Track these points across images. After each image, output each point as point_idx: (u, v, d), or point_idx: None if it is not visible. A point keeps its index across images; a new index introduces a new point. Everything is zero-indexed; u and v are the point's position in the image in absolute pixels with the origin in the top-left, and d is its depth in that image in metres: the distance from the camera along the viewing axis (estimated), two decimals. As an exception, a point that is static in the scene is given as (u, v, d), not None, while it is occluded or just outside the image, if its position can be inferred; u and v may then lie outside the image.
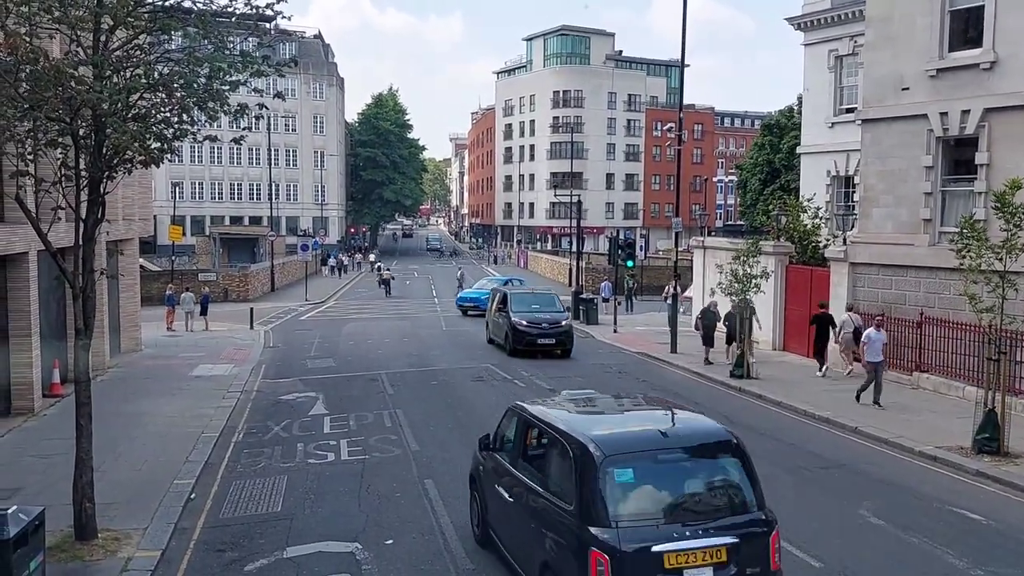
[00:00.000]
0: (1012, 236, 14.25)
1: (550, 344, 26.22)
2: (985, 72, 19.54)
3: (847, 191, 29.64)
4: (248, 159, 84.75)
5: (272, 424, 17.40)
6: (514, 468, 9.20)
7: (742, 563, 7.37)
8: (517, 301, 27.93)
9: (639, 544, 7.13)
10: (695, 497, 7.75)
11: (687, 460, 8.01)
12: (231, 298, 47.26)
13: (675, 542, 7.19)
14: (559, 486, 7.97)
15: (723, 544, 7.32)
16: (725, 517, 7.59)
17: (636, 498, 7.56)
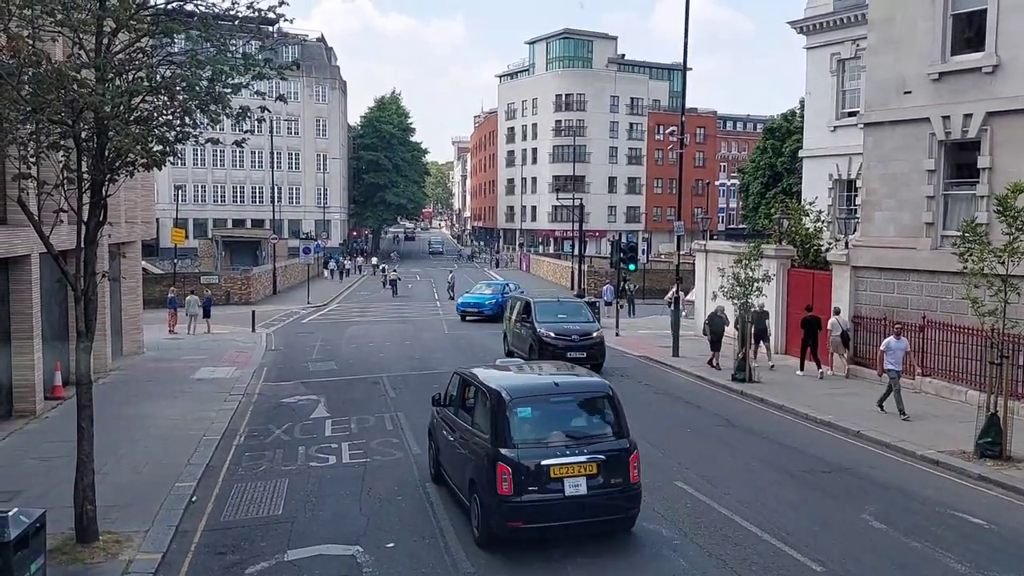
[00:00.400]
0: (1014, 240, 14.24)
1: (580, 358, 22.77)
2: (987, 76, 19.53)
3: (849, 194, 29.62)
4: (251, 162, 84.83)
5: (273, 427, 17.40)
6: (455, 416, 12.10)
7: (608, 476, 10.19)
8: (543, 310, 25.42)
9: (533, 460, 10.01)
10: (576, 428, 10.73)
11: (572, 403, 11.14)
12: (233, 301, 47.29)
13: (559, 458, 10.06)
14: (482, 423, 10.90)
15: (594, 461, 10.17)
16: (597, 443, 10.43)
17: (532, 428, 10.53)
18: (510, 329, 27.19)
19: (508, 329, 27.62)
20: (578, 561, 9.94)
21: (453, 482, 12.02)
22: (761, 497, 12.45)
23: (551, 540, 10.21)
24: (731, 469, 14.16)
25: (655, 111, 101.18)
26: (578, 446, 10.30)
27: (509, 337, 27.24)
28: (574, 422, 10.86)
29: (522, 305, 26.47)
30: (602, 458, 10.21)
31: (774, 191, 58.66)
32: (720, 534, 10.82)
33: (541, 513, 9.96)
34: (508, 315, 27.90)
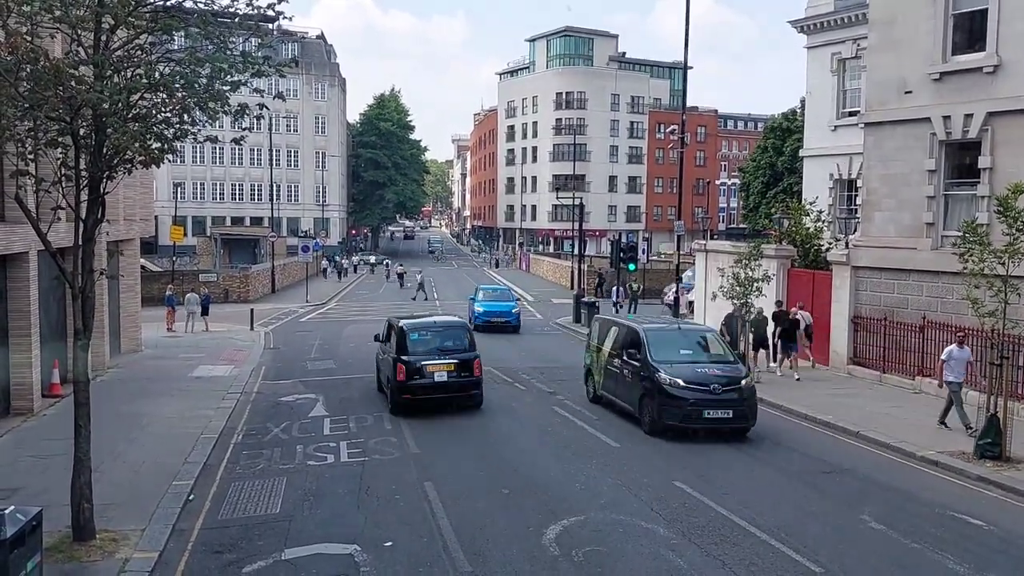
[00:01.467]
0: (1015, 240, 14.21)
1: (724, 419, 15.88)
2: (988, 76, 19.50)
3: (850, 194, 29.59)
4: (249, 159, 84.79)
5: (272, 425, 17.37)
6: (384, 344, 19.97)
7: (460, 371, 18.18)
8: (659, 344, 17.34)
9: (417, 361, 17.86)
10: (443, 345, 18.65)
11: (442, 330, 19.32)
12: (232, 299, 47.25)
13: (430, 360, 17.95)
14: (394, 345, 18.56)
15: (452, 362, 18.15)
16: (455, 353, 18.37)
17: (418, 345, 18.37)
18: (600, 365, 19.44)
19: (596, 364, 19.76)
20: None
21: (379, 385, 20.53)
22: (760, 497, 12.42)
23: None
24: (730, 468, 14.13)
25: (656, 109, 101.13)
26: (444, 354, 18.33)
27: (597, 375, 19.63)
28: (443, 342, 18.81)
29: (623, 334, 18.51)
30: (456, 361, 18.28)
31: (775, 191, 58.65)
32: (719, 534, 10.79)
33: (420, 390, 17.99)
34: (595, 344, 19.95)
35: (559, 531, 10.81)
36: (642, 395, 16.84)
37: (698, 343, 17.95)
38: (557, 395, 20.60)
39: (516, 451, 15.28)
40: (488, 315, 34.92)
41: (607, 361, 18.94)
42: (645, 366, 16.88)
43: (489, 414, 18.55)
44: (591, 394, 19.88)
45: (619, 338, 18.65)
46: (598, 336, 20.02)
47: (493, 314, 34.94)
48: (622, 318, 21.43)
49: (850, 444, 16.20)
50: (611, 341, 18.99)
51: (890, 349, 21.74)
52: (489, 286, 43.54)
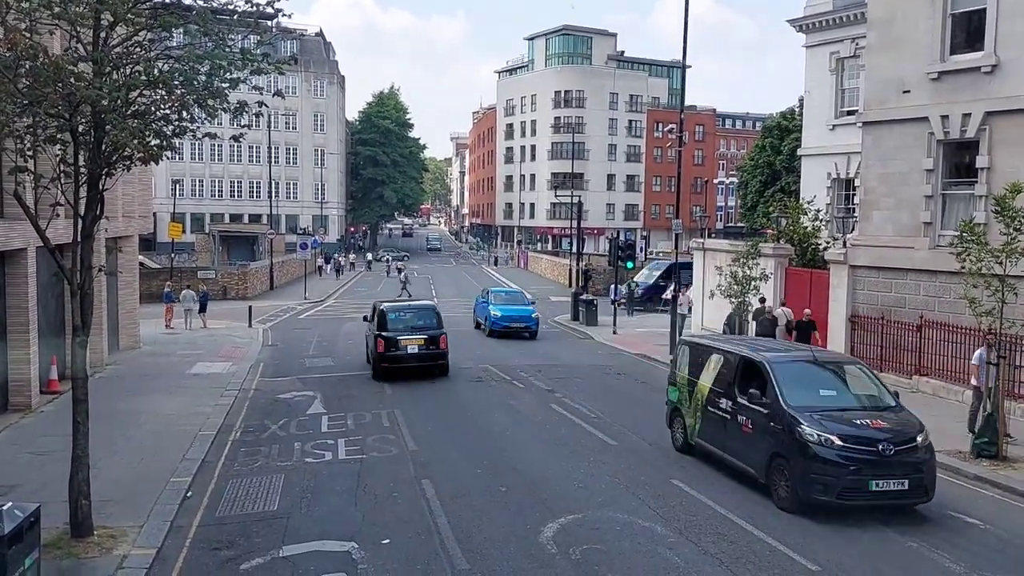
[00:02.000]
0: (1012, 240, 14.24)
1: (899, 491, 11.59)
2: (986, 76, 19.52)
3: (847, 193, 29.62)
4: (248, 157, 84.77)
5: (269, 423, 17.38)
6: (370, 323, 24.45)
7: (429, 344, 22.57)
8: (793, 380, 12.90)
9: (394, 336, 22.41)
10: (416, 323, 23.06)
11: (416, 312, 23.82)
12: (230, 296, 47.22)
13: (404, 336, 22.50)
14: (376, 323, 23.22)
15: (422, 337, 22.62)
16: (425, 330, 22.85)
17: (395, 323, 22.86)
18: (694, 405, 14.64)
19: (687, 403, 14.92)
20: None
21: (367, 353, 24.46)
22: (756, 495, 12.44)
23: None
24: (728, 467, 14.14)
25: (654, 108, 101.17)
26: (416, 331, 22.81)
27: (690, 418, 14.74)
28: (415, 321, 23.25)
29: (732, 365, 13.85)
30: (426, 336, 22.74)
31: (772, 190, 58.66)
32: (716, 532, 10.82)
33: (395, 361, 22.42)
34: (684, 376, 15.19)
35: (557, 529, 10.83)
36: (772, 455, 12.27)
37: (842, 379, 13.49)
38: (555, 393, 20.63)
39: (514, 449, 15.30)
40: (507, 320, 31.98)
41: (707, 401, 14.15)
42: (776, 414, 12.30)
43: (488, 412, 18.58)
44: (679, 442, 15.03)
45: (726, 370, 13.90)
46: (689, 364, 15.15)
47: (512, 319, 32.05)
48: (726, 341, 15.81)
49: (847, 443, 16.20)
50: (711, 373, 14.23)
51: (887, 348, 21.78)
52: (501, 289, 40.36)
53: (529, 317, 32.22)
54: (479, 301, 35.42)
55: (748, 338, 20.42)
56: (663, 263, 48.42)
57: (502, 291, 37.48)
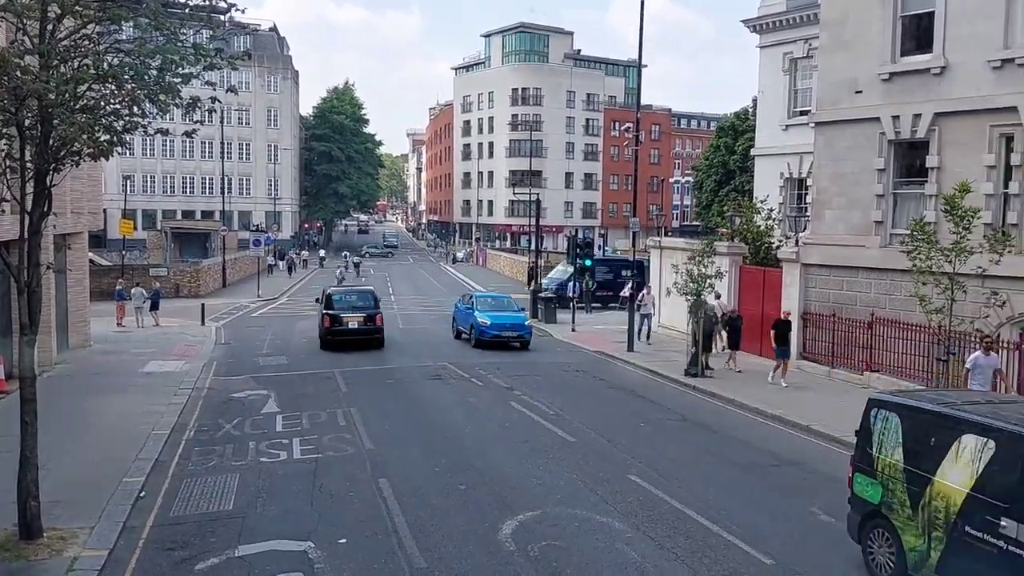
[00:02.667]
0: (961, 239, 14.56)
1: None
2: (936, 77, 19.92)
3: (800, 193, 30.04)
4: (201, 152, 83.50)
5: (224, 422, 17.15)
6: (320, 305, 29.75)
7: (367, 322, 27.74)
8: None
9: (337, 314, 27.64)
10: (357, 304, 28.56)
11: (357, 295, 29.67)
12: (182, 294, 46.53)
13: (346, 314, 27.76)
14: (323, 305, 28.69)
15: (361, 315, 27.85)
16: (364, 310, 28.16)
17: (339, 304, 28.34)
18: (933, 520, 8.91)
19: (916, 513, 9.17)
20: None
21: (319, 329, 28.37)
22: (713, 490, 12.58)
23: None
24: (683, 463, 14.29)
25: (611, 107, 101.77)
26: (357, 310, 27.82)
27: (914, 537, 9.16)
28: (355, 302, 28.44)
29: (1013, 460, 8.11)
30: (364, 315, 27.67)
31: (727, 189, 59.38)
32: (672, 527, 10.91)
33: (339, 334, 27.21)
34: (896, 463, 9.61)
35: (515, 526, 10.84)
36: None
37: None
38: (514, 391, 20.63)
39: (472, 447, 15.28)
40: (497, 329, 28.41)
41: (961, 516, 8.54)
42: None
43: (446, 410, 18.53)
44: (886, 572, 9.50)
45: (1001, 465, 8.22)
46: (906, 443, 9.54)
47: (503, 327, 28.50)
48: (988, 410, 9.01)
49: (801, 438, 16.49)
50: (967, 467, 8.58)
51: (839, 345, 22.15)
52: (486, 293, 36.40)
53: (522, 325, 29.15)
54: (461, 308, 31.52)
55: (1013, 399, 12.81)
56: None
57: (488, 296, 33.72)
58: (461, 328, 30.60)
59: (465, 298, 32.61)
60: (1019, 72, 18.21)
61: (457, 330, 31.06)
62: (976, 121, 18.94)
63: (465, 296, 33.35)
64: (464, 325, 30.27)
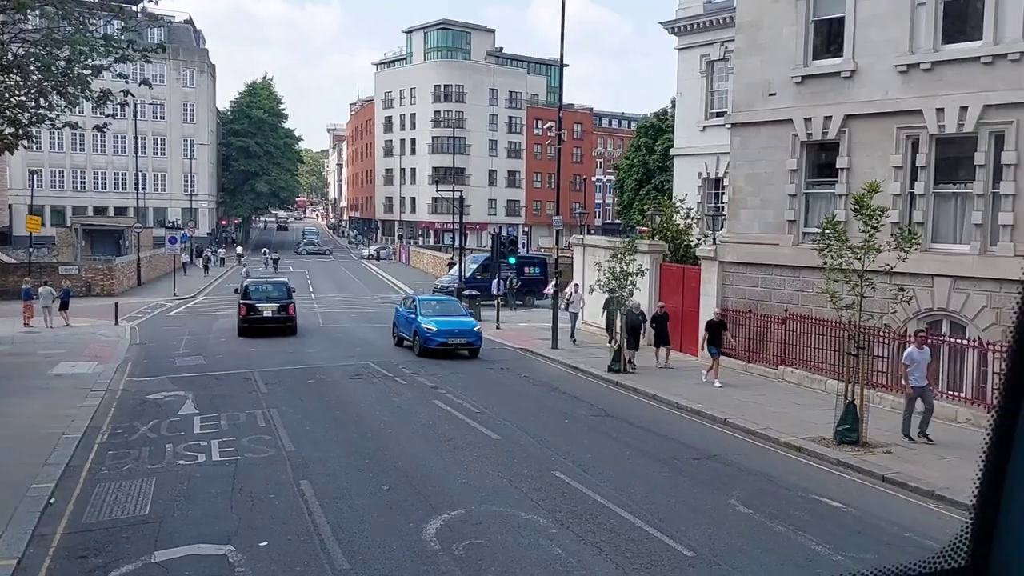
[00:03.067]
0: (870, 237, 15.05)
1: None
2: (846, 80, 20.57)
3: (717, 192, 30.69)
4: (113, 147, 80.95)
5: (139, 424, 16.67)
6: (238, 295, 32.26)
7: (280, 311, 30.58)
8: None
9: (253, 304, 30.45)
10: (272, 294, 31.24)
11: (272, 286, 32.43)
12: (95, 292, 45.05)
13: (261, 303, 30.55)
14: (241, 296, 31.32)
15: (275, 305, 30.60)
16: (278, 300, 30.84)
17: (255, 294, 31.08)
18: None
19: None
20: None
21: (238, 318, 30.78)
22: (635, 484, 12.77)
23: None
24: (607, 458, 14.46)
25: (533, 106, 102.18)
26: (272, 300, 30.64)
27: None
28: (270, 293, 31.17)
29: None
30: (279, 304, 30.48)
31: (647, 188, 60.17)
32: (595, 522, 11.03)
33: (255, 322, 30.01)
34: None
35: (440, 525, 10.81)
36: None
37: None
38: (439, 389, 20.58)
39: (396, 447, 15.18)
40: (446, 336, 25.74)
41: None
42: None
43: (369, 410, 18.38)
44: None
45: None
46: None
47: (452, 334, 25.90)
48: None
49: (719, 431, 16.86)
50: None
51: (755, 340, 22.72)
52: (430, 297, 32.94)
53: (471, 331, 26.35)
54: (402, 313, 28.59)
55: None
56: (480, 256, 48.36)
57: (432, 300, 30.47)
58: (403, 335, 27.66)
59: (407, 302, 29.42)
60: (924, 76, 18.95)
61: (398, 336, 28.17)
62: (884, 123, 19.64)
63: (407, 300, 30.04)
64: (407, 332, 27.31)
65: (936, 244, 18.95)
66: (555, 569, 9.55)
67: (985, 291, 17.70)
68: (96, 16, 10.52)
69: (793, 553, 10.23)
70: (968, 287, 18.05)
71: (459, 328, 26.26)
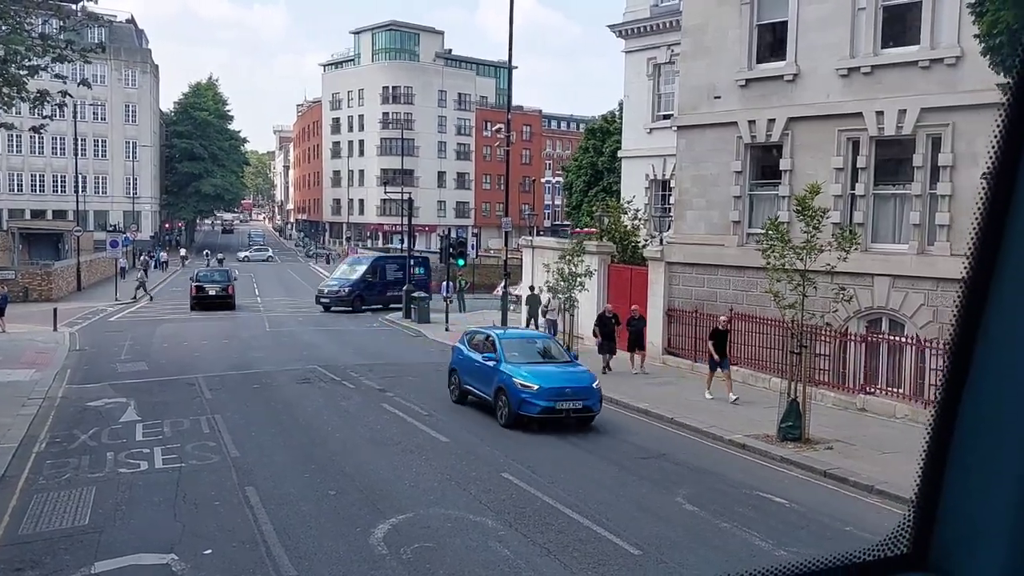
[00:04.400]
0: (812, 237, 15.32)
1: None
2: (788, 83, 20.93)
3: (664, 194, 31.01)
4: (52, 148, 78.98)
5: (79, 432, 16.28)
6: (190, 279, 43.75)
7: (222, 290, 40.86)
8: None
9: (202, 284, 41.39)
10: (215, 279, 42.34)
11: (217, 273, 44.84)
12: (32, 298, 43.91)
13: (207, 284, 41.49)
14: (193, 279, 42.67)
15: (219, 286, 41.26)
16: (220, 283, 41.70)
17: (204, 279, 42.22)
18: None
19: None
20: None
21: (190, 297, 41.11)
22: (584, 485, 12.82)
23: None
24: (555, 459, 14.50)
25: (483, 108, 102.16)
26: (215, 284, 41.49)
27: None
28: (216, 278, 42.51)
29: None
30: (221, 286, 41.23)
31: (596, 189, 60.40)
32: (544, 522, 11.06)
33: (203, 299, 40.32)
34: None
35: (387, 530, 10.74)
36: None
37: None
38: (387, 392, 20.45)
39: (344, 451, 15.04)
40: (553, 397, 16.50)
41: None
42: None
43: (316, 414, 18.19)
44: None
45: None
46: None
47: (563, 395, 16.65)
48: None
49: (666, 430, 17.02)
50: None
51: (702, 339, 22.94)
52: (515, 333, 21.78)
53: (588, 389, 17.05)
54: (469, 357, 19.04)
55: None
56: (365, 259, 47.01)
57: (520, 336, 20.43)
58: (473, 388, 18.63)
59: (475, 339, 19.58)
60: (864, 80, 19.37)
61: (462, 388, 19.07)
62: (826, 126, 20.02)
63: (474, 336, 19.89)
64: (480, 385, 18.26)
65: (876, 244, 19.38)
66: (503, 571, 9.55)
67: (923, 290, 18.14)
68: (33, 15, 10.24)
69: (738, 549, 10.36)
70: (907, 286, 18.49)
71: (571, 385, 16.94)
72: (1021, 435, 1.43)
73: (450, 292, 37.69)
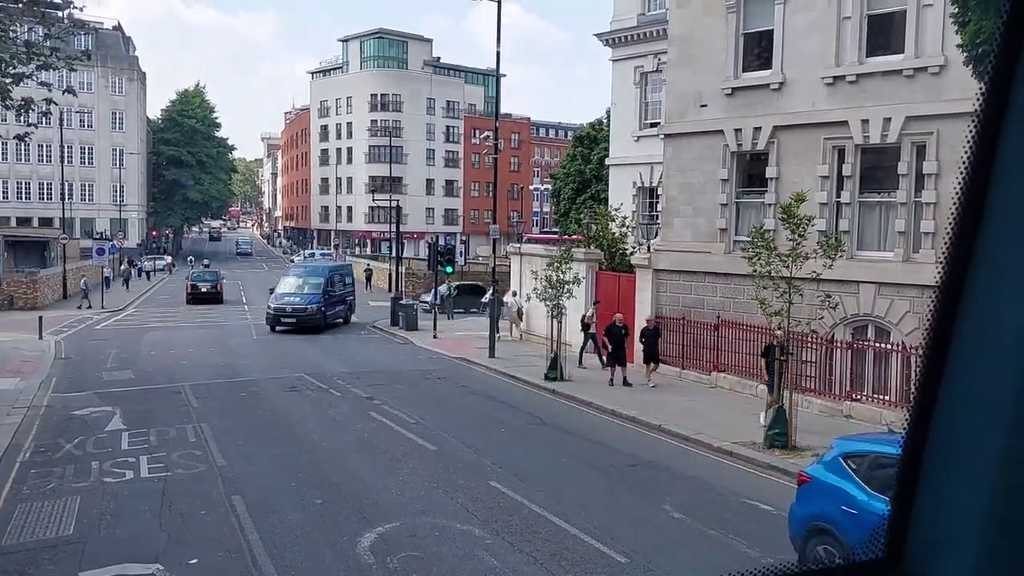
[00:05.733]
0: (797, 245, 15.40)
1: None
2: (774, 92, 21.04)
3: (651, 201, 31.08)
4: (38, 155, 78.58)
5: (64, 441, 16.17)
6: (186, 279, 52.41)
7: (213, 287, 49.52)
8: None
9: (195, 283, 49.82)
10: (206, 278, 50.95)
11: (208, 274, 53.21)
12: (17, 306, 43.62)
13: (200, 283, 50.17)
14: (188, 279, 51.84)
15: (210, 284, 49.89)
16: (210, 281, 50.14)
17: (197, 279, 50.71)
18: None
19: None
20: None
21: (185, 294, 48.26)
22: (571, 493, 12.82)
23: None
24: (543, 466, 14.50)
25: (471, 115, 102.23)
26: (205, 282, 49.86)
27: None
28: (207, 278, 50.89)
29: None
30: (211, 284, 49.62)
31: (584, 197, 60.50)
32: (531, 531, 11.05)
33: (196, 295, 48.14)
34: None
35: (374, 539, 10.71)
36: None
37: None
38: (375, 400, 20.41)
39: (331, 460, 15.00)
40: None
41: None
42: None
43: (303, 422, 18.13)
44: None
45: None
46: None
47: None
48: None
49: (654, 438, 17.03)
50: None
51: (688, 346, 23.03)
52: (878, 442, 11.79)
53: None
54: (836, 490, 9.48)
55: None
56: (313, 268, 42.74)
57: None
58: None
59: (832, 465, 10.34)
60: (849, 88, 19.49)
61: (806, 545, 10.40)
62: (811, 134, 20.13)
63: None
64: None
65: (861, 251, 19.48)
66: (490, 579, 9.54)
67: (908, 297, 18.24)
68: (18, 22, 10.19)
69: (724, 557, 10.38)
70: (892, 293, 18.59)
71: None
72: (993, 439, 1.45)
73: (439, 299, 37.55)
